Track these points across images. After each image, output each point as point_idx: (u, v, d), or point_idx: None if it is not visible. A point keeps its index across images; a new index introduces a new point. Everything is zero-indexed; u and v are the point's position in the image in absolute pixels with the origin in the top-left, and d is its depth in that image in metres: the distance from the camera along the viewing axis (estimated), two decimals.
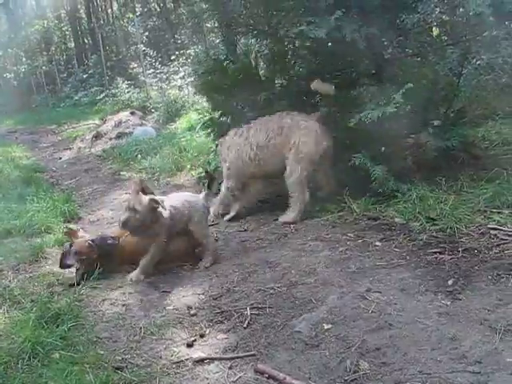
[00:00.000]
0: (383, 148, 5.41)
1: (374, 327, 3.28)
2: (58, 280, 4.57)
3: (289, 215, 5.48)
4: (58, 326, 3.62)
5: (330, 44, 5.46)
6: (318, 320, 3.47)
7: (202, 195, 4.98)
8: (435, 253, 4.18)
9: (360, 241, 4.69)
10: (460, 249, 4.14)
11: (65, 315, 3.75)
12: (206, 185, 5.14)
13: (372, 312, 3.47)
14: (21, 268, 4.92)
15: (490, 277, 3.70)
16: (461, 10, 5.41)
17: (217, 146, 6.41)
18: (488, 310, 3.29)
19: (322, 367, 2.99)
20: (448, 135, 5.38)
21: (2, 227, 5.82)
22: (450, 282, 3.71)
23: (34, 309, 3.85)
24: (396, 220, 4.89)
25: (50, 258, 5.12)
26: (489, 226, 4.40)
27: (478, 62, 6.11)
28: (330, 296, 3.75)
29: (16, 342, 3.42)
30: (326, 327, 3.37)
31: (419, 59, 5.94)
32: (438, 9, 5.80)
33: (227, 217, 5.92)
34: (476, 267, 3.87)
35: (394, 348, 3.04)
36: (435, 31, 6.45)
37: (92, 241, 4.64)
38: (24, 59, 29.07)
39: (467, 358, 2.84)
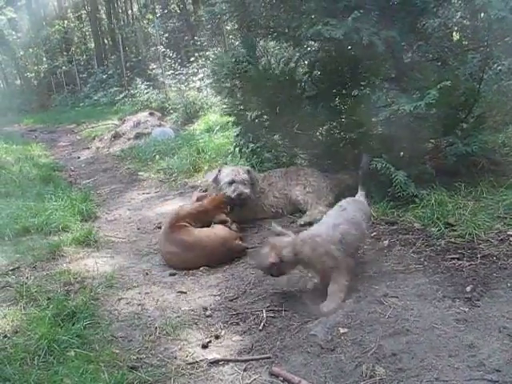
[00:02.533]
0: (402, 153, 5.39)
1: (391, 332, 3.26)
2: (74, 278, 4.59)
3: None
4: (73, 324, 3.65)
5: (349, 47, 5.46)
6: (334, 324, 3.45)
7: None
8: (453, 259, 4.13)
9: (377, 245, 4.67)
10: (479, 255, 4.09)
11: (81, 313, 3.78)
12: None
13: (389, 317, 3.44)
14: (38, 266, 4.96)
15: (509, 284, 3.65)
16: (482, 14, 5.37)
17: None
18: (507, 318, 3.25)
19: (337, 371, 2.97)
20: (468, 140, 5.34)
21: (20, 225, 5.87)
22: (468, 289, 3.67)
23: (51, 306, 3.89)
24: (414, 225, 4.85)
25: (67, 256, 5.16)
26: (508, 232, 4.35)
27: (499, 67, 6.08)
28: (347, 300, 3.73)
29: (32, 338, 3.46)
30: (341, 331, 3.35)
31: (439, 64, 5.89)
32: (458, 13, 5.79)
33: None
34: (495, 274, 3.82)
35: (410, 354, 3.02)
36: (456, 36, 6.43)
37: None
38: (44, 59, 29.39)
39: (485, 366, 2.81)
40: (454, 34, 6.43)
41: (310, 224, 4.68)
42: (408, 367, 2.90)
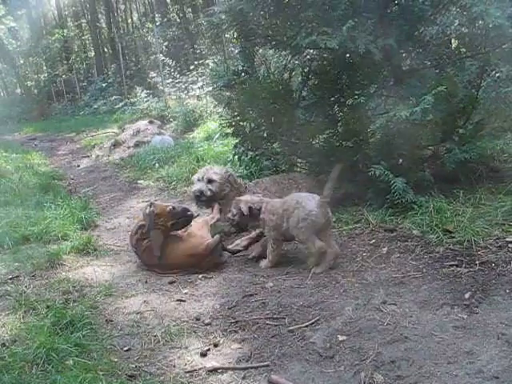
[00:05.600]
0: (401, 160, 5.40)
1: (390, 340, 3.26)
2: (73, 287, 4.59)
3: None
4: (72, 333, 3.63)
5: (347, 55, 5.48)
6: (332, 331, 3.45)
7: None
8: (452, 265, 4.14)
9: (376, 252, 4.67)
10: (477, 262, 4.10)
11: (79, 322, 3.77)
12: None
13: (387, 324, 3.44)
14: (37, 274, 4.95)
15: (507, 290, 3.66)
16: (480, 22, 5.39)
17: None
18: (505, 324, 3.25)
19: (336, 379, 2.97)
20: (466, 147, 5.35)
21: (19, 233, 5.87)
22: (466, 296, 3.67)
23: (50, 315, 3.87)
24: (413, 232, 4.86)
25: (66, 265, 5.15)
26: (507, 239, 4.35)
27: (497, 74, 6.08)
28: (346, 307, 3.73)
29: (31, 347, 3.43)
30: (340, 339, 3.35)
31: (438, 71, 5.91)
32: (456, 21, 5.79)
33: None
34: (493, 281, 3.82)
35: (409, 361, 3.01)
36: (454, 43, 6.44)
37: (173, 208, 4.97)
38: (45, 68, 29.47)
39: (484, 373, 2.80)
40: (452, 41, 6.44)
41: None
42: (407, 374, 2.90)
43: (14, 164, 11.17)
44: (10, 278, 4.84)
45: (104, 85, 25.22)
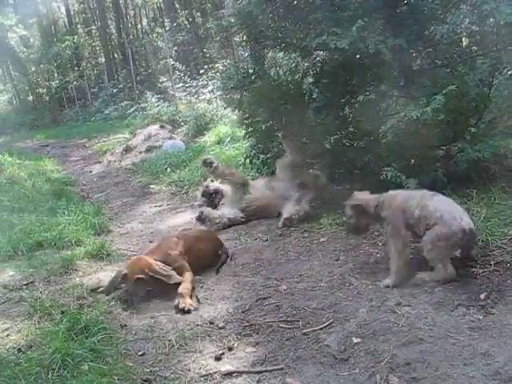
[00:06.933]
0: (412, 160, 5.37)
1: (405, 342, 3.24)
2: (88, 292, 4.59)
3: None
4: (87, 338, 3.65)
5: (357, 56, 5.46)
6: (347, 334, 3.43)
7: None
8: (467, 266, 4.10)
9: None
10: (492, 262, 4.06)
11: (94, 327, 3.78)
12: None
13: (402, 326, 3.42)
14: (51, 280, 4.98)
15: None
16: (491, 19, 5.35)
17: None
18: None
19: (351, 382, 2.95)
20: (479, 146, 5.31)
21: (33, 240, 5.90)
22: (482, 296, 3.64)
23: (64, 320, 3.88)
24: None
25: (80, 270, 5.17)
26: None
27: (509, 72, 6.04)
28: (360, 309, 3.72)
29: (46, 352, 3.46)
30: (355, 341, 3.33)
31: (449, 70, 5.88)
32: (467, 19, 5.75)
33: None
34: (509, 281, 3.79)
35: (424, 363, 2.99)
36: (465, 42, 6.40)
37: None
38: (56, 75, 29.62)
39: (501, 375, 2.78)
40: (463, 39, 6.41)
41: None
42: (422, 376, 2.87)
43: (27, 171, 11.24)
44: (25, 284, 4.87)
45: (115, 90, 25.32)
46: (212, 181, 6.86)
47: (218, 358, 3.39)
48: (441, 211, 3.96)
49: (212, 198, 6.70)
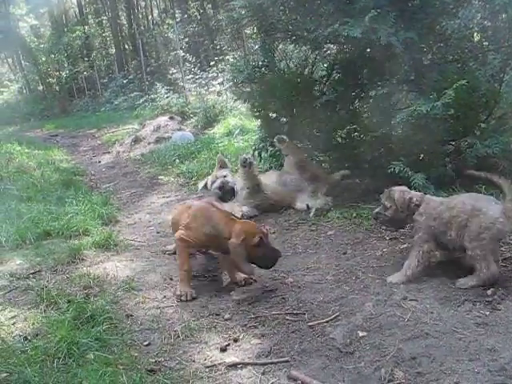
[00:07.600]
0: (422, 155, 5.35)
1: (410, 336, 3.23)
2: (94, 282, 4.61)
3: None
4: (93, 327, 3.66)
5: (368, 49, 5.43)
6: (353, 327, 3.43)
7: None
8: None
9: (397, 248, 4.64)
10: (500, 258, 4.04)
11: (100, 316, 3.79)
12: None
13: (408, 320, 3.42)
14: (58, 269, 5.00)
15: None
16: (503, 15, 5.32)
17: None
18: None
19: (356, 375, 2.95)
20: (489, 142, 5.28)
21: (41, 229, 5.93)
22: (489, 292, 3.63)
23: (70, 309, 3.90)
24: None
25: (87, 260, 5.19)
26: None
27: None
28: (366, 303, 3.71)
29: (52, 341, 3.47)
30: (360, 335, 3.33)
31: (459, 65, 5.84)
32: (479, 14, 5.72)
33: None
34: None
35: (430, 358, 2.99)
36: (476, 37, 6.36)
37: None
38: (66, 65, 29.67)
39: (507, 371, 2.77)
40: (475, 34, 6.37)
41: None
42: (427, 371, 2.87)
43: (36, 160, 11.29)
44: (32, 273, 4.89)
45: (125, 81, 25.31)
46: (224, 176, 6.65)
47: (223, 350, 3.40)
48: (472, 203, 3.83)
49: (228, 194, 6.52)
